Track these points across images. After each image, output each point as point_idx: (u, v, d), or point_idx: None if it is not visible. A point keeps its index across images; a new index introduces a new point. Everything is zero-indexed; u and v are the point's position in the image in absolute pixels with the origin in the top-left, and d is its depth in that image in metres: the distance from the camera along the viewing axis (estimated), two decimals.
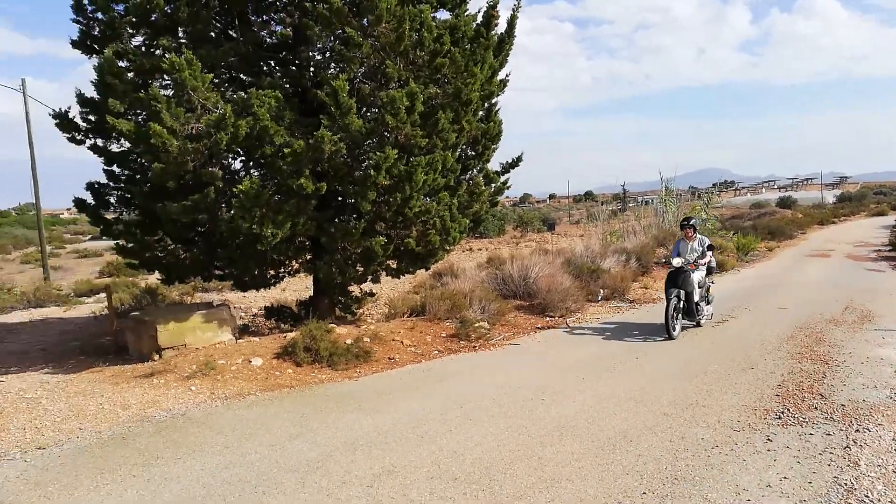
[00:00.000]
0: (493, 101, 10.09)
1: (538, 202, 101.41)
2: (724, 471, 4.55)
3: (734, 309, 10.95)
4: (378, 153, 7.90)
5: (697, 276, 9.47)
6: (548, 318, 10.73)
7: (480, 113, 9.74)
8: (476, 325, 9.65)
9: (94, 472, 4.95)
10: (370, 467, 4.80)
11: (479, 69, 8.71)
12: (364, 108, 8.64)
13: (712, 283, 10.27)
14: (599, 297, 12.25)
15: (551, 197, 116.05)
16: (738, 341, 8.64)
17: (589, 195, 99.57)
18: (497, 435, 5.39)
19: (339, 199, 9.13)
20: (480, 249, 26.37)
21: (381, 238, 8.71)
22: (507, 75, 10.23)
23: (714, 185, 29.27)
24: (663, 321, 9.11)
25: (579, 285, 12.17)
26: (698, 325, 9.70)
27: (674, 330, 9.02)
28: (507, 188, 10.91)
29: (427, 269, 11.38)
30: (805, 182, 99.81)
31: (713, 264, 10.12)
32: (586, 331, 9.90)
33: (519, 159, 10.80)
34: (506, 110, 10.52)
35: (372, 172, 7.85)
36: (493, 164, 10.56)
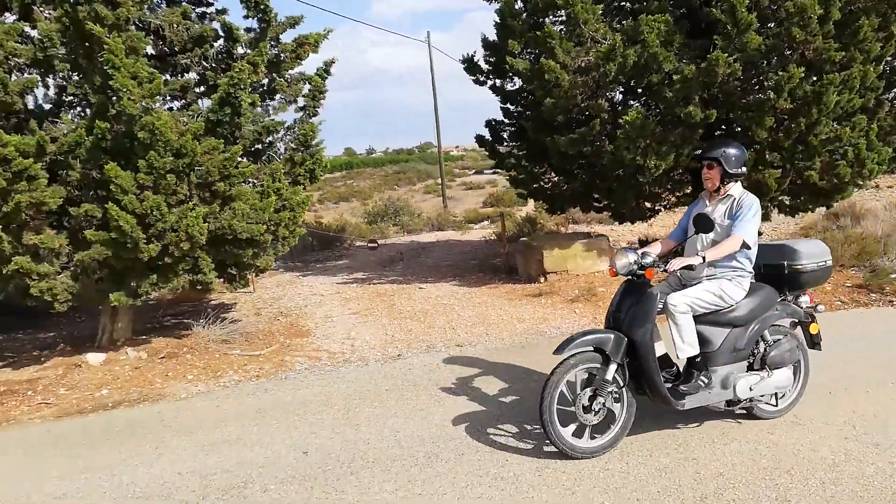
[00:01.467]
0: None
1: None
2: None
3: None
4: (779, 73, 7.04)
5: (689, 296, 3.95)
6: None
7: None
8: (892, 276, 8.10)
9: (502, 370, 5.69)
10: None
11: None
12: (760, 24, 7.73)
13: (815, 309, 4.51)
14: None
15: None
16: None
17: None
18: None
19: (724, 127, 8.47)
20: (891, 187, 21.74)
21: (775, 171, 7.84)
22: None
23: None
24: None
25: None
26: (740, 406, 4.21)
27: (560, 440, 3.79)
28: None
29: (828, 207, 9.93)
30: None
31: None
32: None
33: None
34: None
35: (771, 95, 7.06)
36: None
